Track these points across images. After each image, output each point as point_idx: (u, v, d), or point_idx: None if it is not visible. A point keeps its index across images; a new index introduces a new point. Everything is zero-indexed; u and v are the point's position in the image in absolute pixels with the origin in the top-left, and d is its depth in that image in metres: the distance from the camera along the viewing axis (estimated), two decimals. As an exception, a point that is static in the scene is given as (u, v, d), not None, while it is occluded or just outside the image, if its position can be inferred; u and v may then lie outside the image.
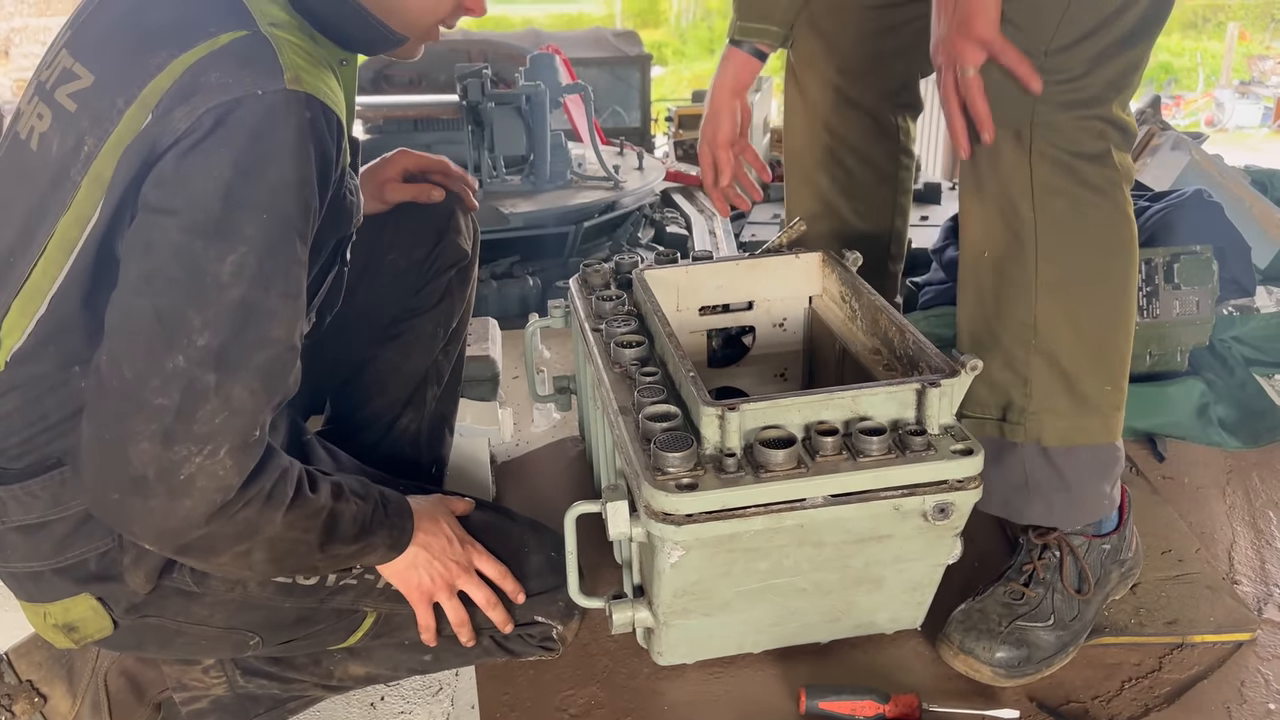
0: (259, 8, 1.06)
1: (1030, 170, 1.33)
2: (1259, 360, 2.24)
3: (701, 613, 1.29)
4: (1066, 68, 1.29)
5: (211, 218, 0.99)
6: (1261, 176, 3.06)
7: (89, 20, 1.15)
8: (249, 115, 0.99)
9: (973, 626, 1.39)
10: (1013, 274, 1.38)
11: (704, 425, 1.18)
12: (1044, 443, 1.40)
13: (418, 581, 1.32)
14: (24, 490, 1.12)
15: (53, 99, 1.09)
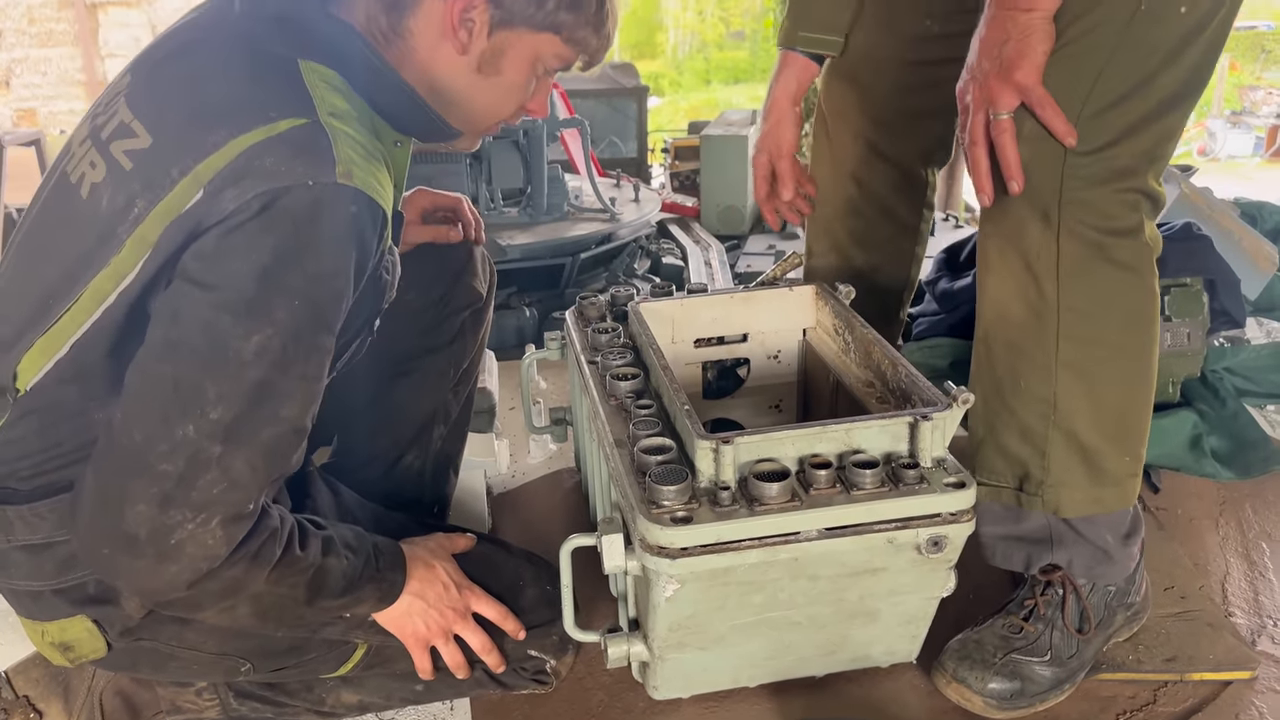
0: (320, 95, 1.08)
1: (1057, 250, 1.29)
2: (1250, 391, 2.26)
3: (697, 646, 1.29)
4: (1099, 135, 1.25)
5: (244, 297, 1.01)
6: (1251, 208, 3.09)
7: (151, 75, 1.18)
8: (296, 204, 1.02)
9: (967, 656, 1.39)
10: (1032, 352, 1.35)
11: (699, 458, 1.18)
12: (1061, 514, 1.40)
13: (413, 629, 1.32)
14: (31, 511, 1.14)
15: (108, 151, 1.12)
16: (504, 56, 1.21)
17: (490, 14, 1.17)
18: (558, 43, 1.23)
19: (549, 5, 1.18)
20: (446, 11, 1.15)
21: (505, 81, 1.24)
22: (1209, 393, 2.18)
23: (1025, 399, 1.37)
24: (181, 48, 1.19)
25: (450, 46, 1.18)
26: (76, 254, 1.09)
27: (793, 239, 3.77)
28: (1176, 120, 1.29)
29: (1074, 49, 1.23)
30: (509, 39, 1.20)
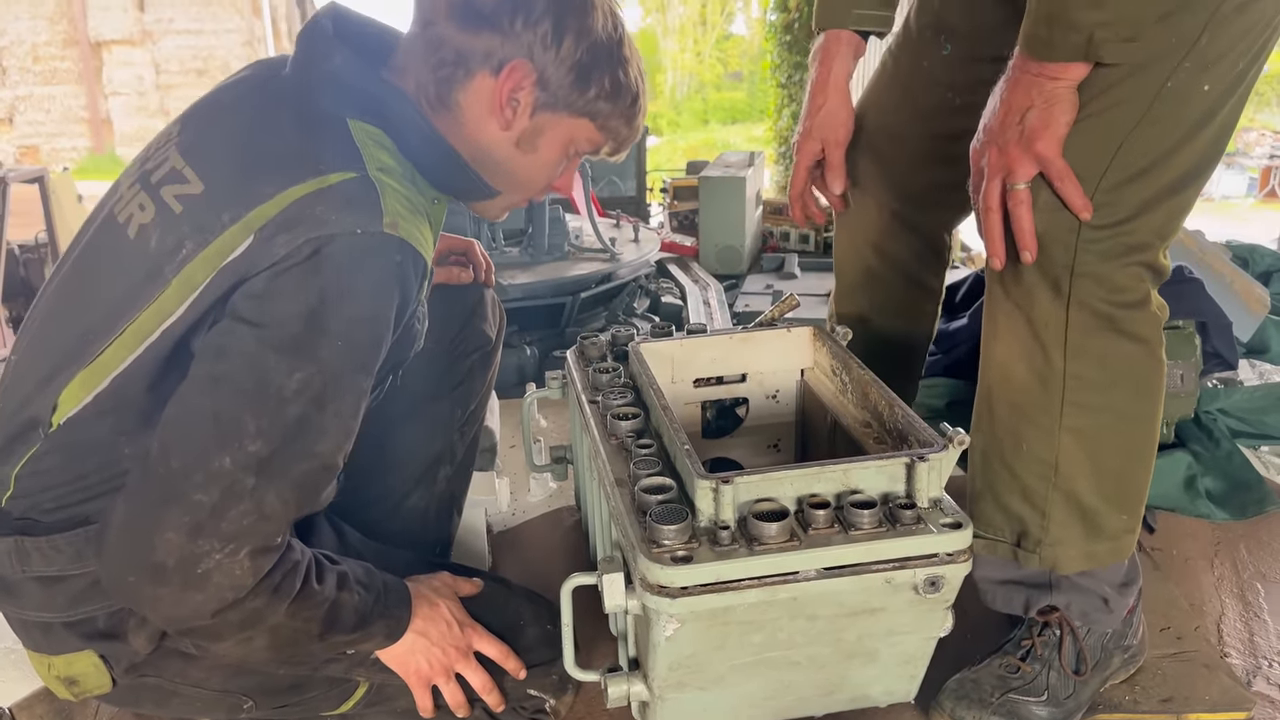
0: (369, 151, 1.14)
1: (1066, 320, 1.29)
2: (1244, 432, 2.28)
3: (696, 686, 1.30)
4: (1116, 210, 1.24)
5: (290, 335, 1.05)
6: (1243, 251, 3.13)
7: (202, 126, 1.23)
8: (345, 250, 1.07)
9: (965, 695, 1.40)
10: (1035, 416, 1.35)
11: (698, 498, 1.20)
12: (1058, 571, 1.41)
13: (415, 667, 1.33)
14: (49, 544, 1.16)
15: (158, 195, 1.16)
16: (542, 136, 1.27)
17: (536, 96, 1.23)
18: (592, 129, 1.29)
19: (590, 93, 1.25)
20: (496, 89, 1.21)
21: (540, 159, 1.30)
22: (1203, 434, 2.20)
23: (1026, 460, 1.38)
24: (234, 101, 1.25)
25: (495, 122, 1.24)
26: (122, 291, 1.13)
27: (790, 279, 3.81)
28: (1191, 195, 1.28)
29: (1096, 122, 1.21)
30: (549, 120, 1.26)
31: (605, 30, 1.24)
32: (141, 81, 15.93)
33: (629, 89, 1.28)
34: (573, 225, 3.54)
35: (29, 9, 15.46)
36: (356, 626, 1.23)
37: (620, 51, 1.27)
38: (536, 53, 1.20)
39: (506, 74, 1.20)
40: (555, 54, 1.21)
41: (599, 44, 1.23)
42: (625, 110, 1.30)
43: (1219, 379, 2.46)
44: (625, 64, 1.27)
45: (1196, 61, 1.18)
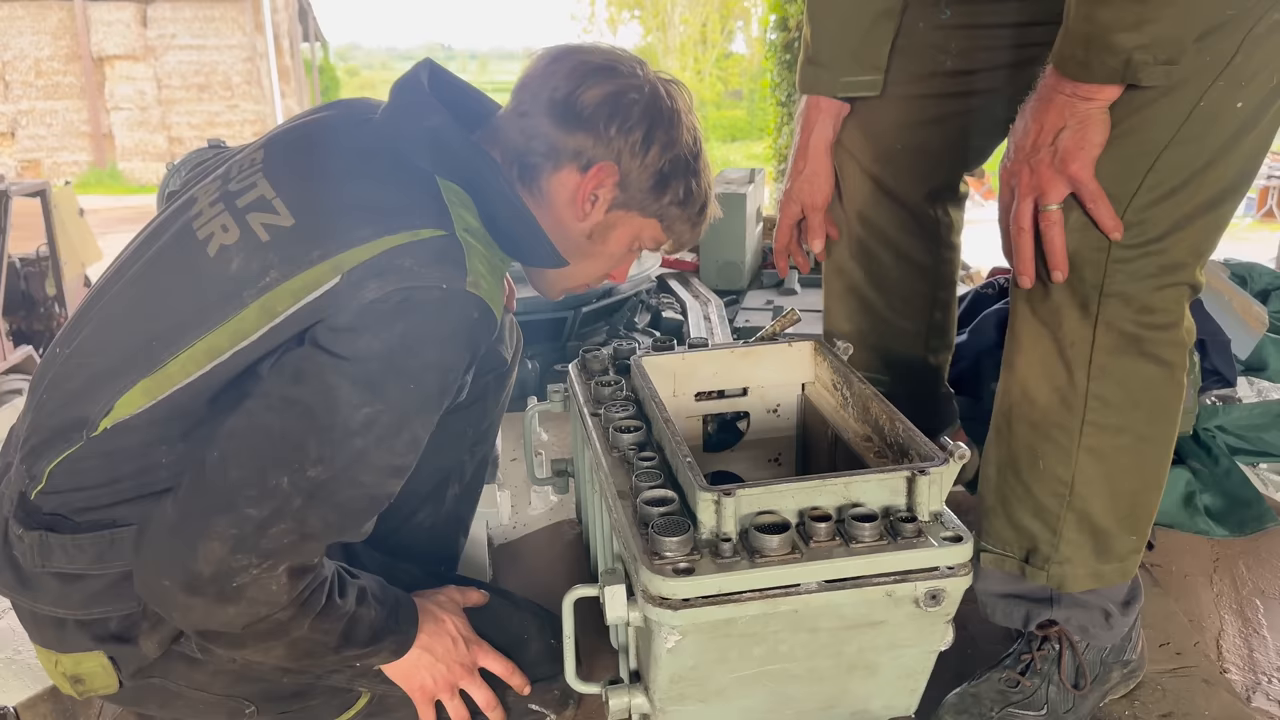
0: (457, 212, 1.21)
1: (1093, 340, 1.29)
2: (1243, 449, 2.29)
3: (698, 699, 1.30)
4: (1147, 229, 1.23)
5: (366, 372, 1.10)
6: (1241, 269, 3.14)
7: (290, 157, 1.28)
8: (430, 301, 1.13)
9: (965, 710, 1.41)
10: (1054, 434, 1.36)
11: (700, 510, 1.21)
12: (1064, 589, 1.41)
13: (420, 682, 1.35)
14: (73, 542, 1.18)
15: (244, 220, 1.20)
16: (613, 230, 1.37)
17: (615, 195, 1.32)
18: (658, 229, 1.39)
19: (665, 199, 1.35)
20: (581, 185, 1.30)
21: (606, 251, 1.40)
22: (1202, 451, 2.21)
23: (1043, 478, 1.38)
24: (323, 138, 1.30)
25: (573, 212, 1.33)
26: (194, 306, 1.16)
27: (790, 295, 3.82)
28: (1226, 212, 1.27)
29: (1127, 141, 1.20)
30: (622, 218, 1.35)
31: (686, 143, 1.34)
32: (143, 96, 16.01)
33: (699, 198, 1.38)
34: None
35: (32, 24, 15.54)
36: (369, 641, 1.25)
37: (696, 164, 1.36)
38: (624, 158, 1.29)
39: (594, 173, 1.29)
40: (641, 160, 1.30)
41: (680, 156, 1.33)
42: (693, 216, 1.40)
43: (1217, 396, 2.47)
44: (699, 175, 1.37)
45: (1230, 80, 1.17)
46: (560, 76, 1.29)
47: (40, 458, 1.19)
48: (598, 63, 1.30)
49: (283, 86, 17.35)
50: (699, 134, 1.38)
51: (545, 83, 1.29)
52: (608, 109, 1.27)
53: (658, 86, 1.32)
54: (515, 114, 1.31)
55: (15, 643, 1.52)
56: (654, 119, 1.29)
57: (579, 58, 1.31)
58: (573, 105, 1.27)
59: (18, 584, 1.23)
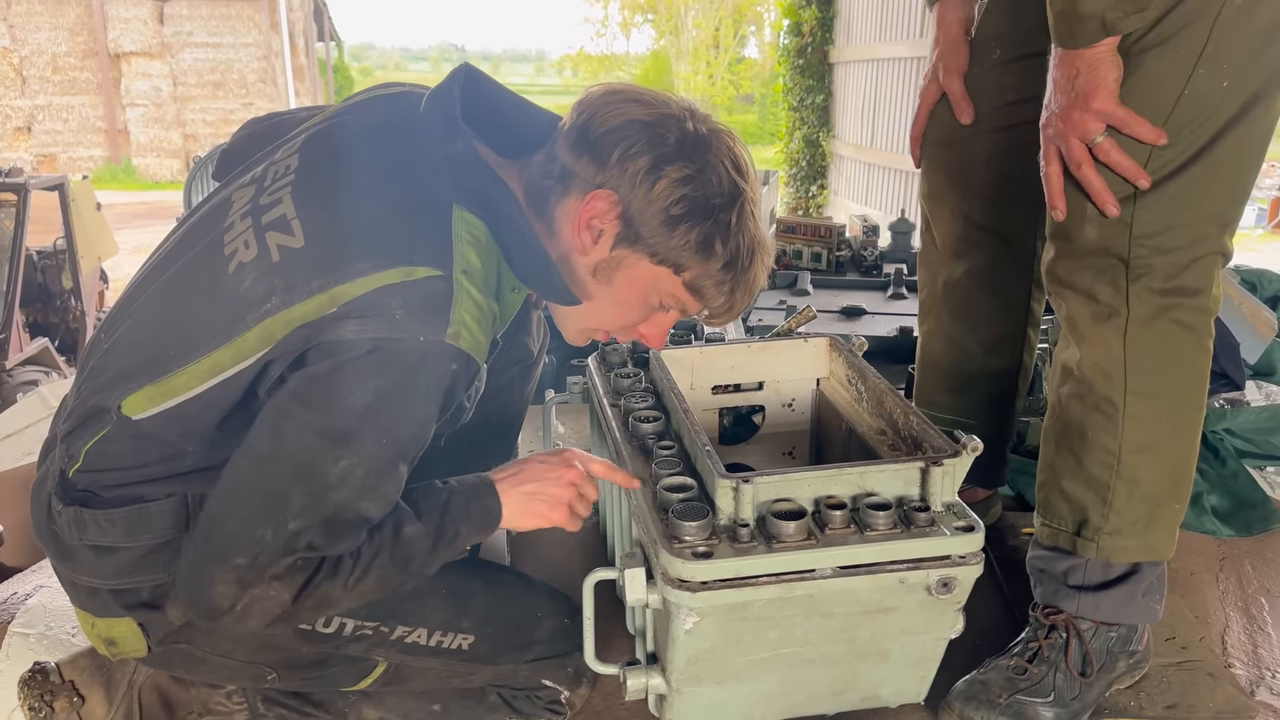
0: (460, 250, 1.18)
1: (1127, 310, 1.36)
2: (1250, 452, 2.31)
3: (713, 681, 1.33)
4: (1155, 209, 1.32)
5: (342, 428, 1.12)
6: (1251, 276, 3.16)
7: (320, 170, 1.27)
8: (405, 355, 1.12)
9: (973, 696, 1.44)
10: (1099, 405, 1.42)
11: (719, 497, 1.24)
12: (1113, 560, 1.45)
13: (543, 510, 1.35)
14: (105, 517, 1.23)
15: (264, 239, 1.21)
16: (619, 271, 1.29)
17: (619, 230, 1.25)
18: (677, 283, 1.29)
19: (674, 241, 1.25)
20: (580, 211, 1.25)
21: (615, 295, 1.31)
22: (1209, 453, 2.24)
23: (1091, 449, 1.43)
24: (353, 154, 1.29)
25: (576, 243, 1.27)
26: (206, 322, 1.19)
27: (803, 295, 3.85)
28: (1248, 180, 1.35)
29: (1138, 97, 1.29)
30: (628, 257, 1.27)
31: (715, 188, 1.24)
32: (159, 93, 16.08)
33: (720, 255, 1.26)
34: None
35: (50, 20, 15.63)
36: (436, 546, 1.26)
37: (725, 216, 1.25)
38: (624, 187, 1.22)
39: (588, 201, 1.24)
40: (646, 192, 1.22)
41: (699, 198, 1.23)
42: (717, 274, 1.28)
43: (1226, 400, 2.49)
44: (725, 229, 1.25)
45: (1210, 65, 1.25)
46: (596, 102, 1.26)
47: (78, 438, 1.24)
48: (638, 95, 1.26)
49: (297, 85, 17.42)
50: (743, 189, 1.27)
51: (581, 110, 1.27)
52: (617, 135, 1.22)
53: (694, 126, 1.25)
54: (550, 142, 1.29)
55: (47, 619, 1.57)
56: (671, 153, 1.22)
57: (624, 92, 1.27)
58: (587, 129, 1.24)
59: (59, 555, 1.28)
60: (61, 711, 1.39)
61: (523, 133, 1.34)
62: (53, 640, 1.51)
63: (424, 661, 1.41)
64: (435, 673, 1.43)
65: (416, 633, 1.38)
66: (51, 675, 1.40)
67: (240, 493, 1.15)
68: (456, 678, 1.44)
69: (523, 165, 1.32)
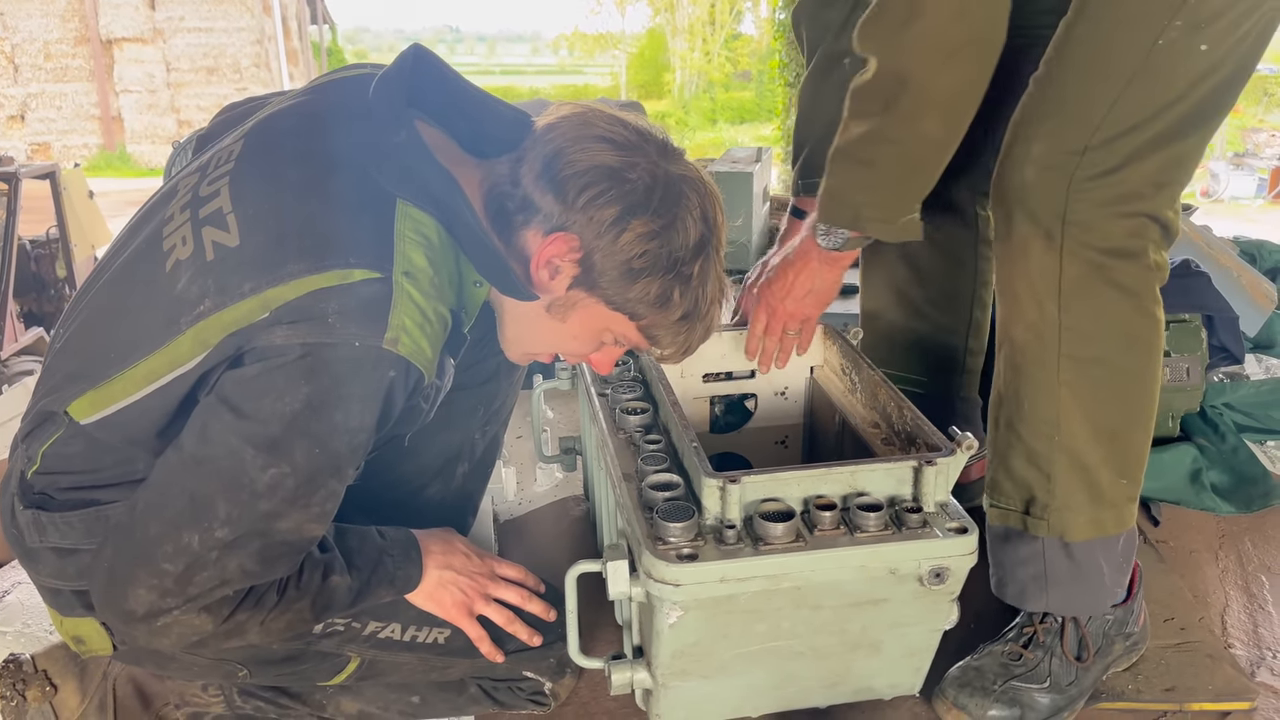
0: (402, 249, 1.12)
1: (1060, 269, 1.32)
2: (1250, 427, 2.29)
3: (700, 675, 1.31)
4: (1104, 161, 1.28)
5: (269, 435, 1.07)
6: (1251, 247, 3.13)
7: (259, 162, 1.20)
8: (338, 361, 1.07)
9: (968, 683, 1.42)
10: (1034, 372, 1.38)
11: (705, 496, 1.21)
12: (1066, 538, 1.41)
13: (451, 600, 1.37)
14: (63, 519, 1.21)
15: (200, 235, 1.16)
16: (574, 311, 1.26)
17: (576, 272, 1.21)
18: (633, 329, 1.27)
19: (632, 294, 1.22)
20: (540, 249, 1.20)
21: (567, 331, 1.28)
22: (1209, 428, 2.21)
23: (1031, 421, 1.40)
24: (295, 143, 1.22)
25: (534, 277, 1.23)
26: (143, 324, 1.15)
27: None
28: (1188, 148, 1.31)
29: (1094, 76, 1.27)
30: (583, 300, 1.24)
31: (679, 243, 1.21)
32: (152, 79, 15.98)
33: (678, 306, 1.25)
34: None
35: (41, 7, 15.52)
36: (355, 603, 1.27)
37: (687, 269, 1.23)
38: (588, 235, 1.19)
39: (550, 241, 1.19)
40: (610, 243, 1.19)
41: (663, 253, 1.21)
42: (673, 325, 1.27)
43: (1225, 373, 2.47)
44: (686, 281, 1.24)
45: (1189, 21, 1.22)
46: (569, 133, 1.21)
47: (35, 440, 1.22)
48: (609, 133, 1.21)
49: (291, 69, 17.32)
50: (709, 243, 1.25)
51: (555, 134, 1.22)
52: (586, 179, 1.18)
53: (670, 177, 1.21)
54: (516, 155, 1.23)
55: (25, 616, 1.57)
56: (639, 205, 1.18)
57: (602, 124, 1.22)
58: (554, 164, 1.19)
59: (24, 556, 1.26)
60: (34, 701, 1.39)
61: (485, 128, 1.28)
62: (29, 637, 1.51)
63: (398, 656, 1.39)
64: (411, 667, 1.42)
65: (390, 628, 1.36)
66: (25, 665, 1.40)
67: (167, 493, 1.11)
68: (433, 671, 1.43)
69: (486, 168, 1.26)
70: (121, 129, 16.18)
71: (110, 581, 1.12)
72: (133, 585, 1.10)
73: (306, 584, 1.20)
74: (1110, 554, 1.44)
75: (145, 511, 1.11)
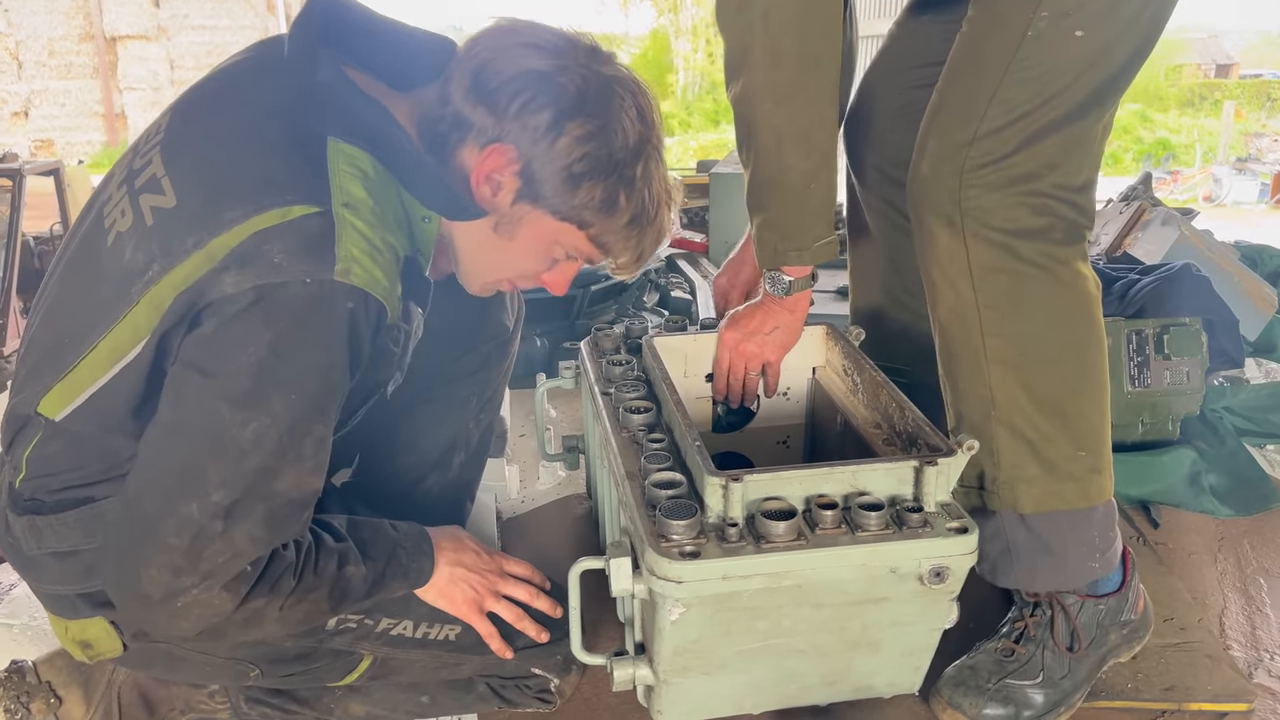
0: (339, 183, 1.10)
1: (966, 252, 1.35)
2: (1249, 430, 2.29)
3: (701, 671, 1.32)
4: (994, 150, 1.32)
5: (241, 389, 1.05)
6: (1251, 252, 3.14)
7: (186, 126, 1.20)
8: (293, 301, 1.05)
9: (963, 682, 1.43)
10: (962, 352, 1.41)
11: (708, 494, 1.22)
12: (1019, 510, 1.41)
13: (462, 597, 1.37)
14: (59, 521, 1.19)
15: (137, 203, 1.14)
16: (521, 226, 1.24)
17: (517, 185, 1.20)
18: (582, 238, 1.25)
19: (577, 199, 1.20)
20: (478, 164, 1.19)
21: (517, 249, 1.27)
22: (1208, 431, 2.22)
23: (967, 399, 1.43)
24: (224, 97, 1.21)
25: (476, 196, 1.21)
26: (95, 303, 1.13)
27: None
28: (1083, 129, 1.33)
29: (972, 72, 1.33)
30: (530, 214, 1.23)
31: (619, 144, 1.20)
32: (156, 76, 15.99)
33: (625, 210, 1.23)
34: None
35: (46, 4, 15.53)
36: (369, 594, 1.26)
37: (630, 170, 1.21)
38: (524, 143, 1.17)
39: (486, 154, 1.18)
40: (547, 150, 1.17)
41: (604, 155, 1.19)
42: (623, 229, 1.25)
43: (1225, 377, 2.48)
44: (630, 183, 1.22)
45: (1054, 9, 1.26)
46: (493, 44, 1.19)
47: (17, 447, 1.20)
48: (534, 39, 1.19)
49: (294, 66, 17.33)
50: (649, 142, 1.23)
51: (477, 50, 1.20)
52: (516, 86, 1.16)
53: (601, 78, 1.19)
54: (443, 79, 1.21)
55: (31, 609, 1.57)
56: (572, 107, 1.16)
57: (521, 33, 1.21)
58: (482, 75, 1.17)
59: (23, 566, 1.25)
60: (38, 713, 1.37)
61: (409, 60, 1.26)
62: (36, 631, 1.51)
63: (410, 654, 1.39)
64: (422, 664, 1.42)
65: (402, 625, 1.36)
66: (28, 675, 1.38)
67: (156, 469, 1.09)
68: (444, 669, 1.43)
69: (414, 98, 1.23)
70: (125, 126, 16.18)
71: (121, 569, 1.10)
72: (144, 567, 1.07)
73: (322, 571, 1.19)
74: (1080, 528, 1.43)
75: (140, 492, 1.09)
